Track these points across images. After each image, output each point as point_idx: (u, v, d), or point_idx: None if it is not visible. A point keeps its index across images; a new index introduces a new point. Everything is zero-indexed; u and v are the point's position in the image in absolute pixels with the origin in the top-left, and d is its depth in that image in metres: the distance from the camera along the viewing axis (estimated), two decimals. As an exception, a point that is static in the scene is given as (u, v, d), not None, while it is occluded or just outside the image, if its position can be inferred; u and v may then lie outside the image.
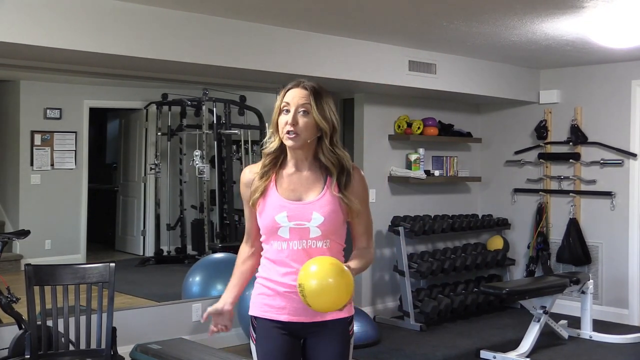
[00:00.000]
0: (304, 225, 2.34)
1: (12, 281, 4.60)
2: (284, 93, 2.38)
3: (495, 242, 7.16)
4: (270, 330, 2.41)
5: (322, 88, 2.41)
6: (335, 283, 2.17)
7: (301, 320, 2.38)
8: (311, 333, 2.41)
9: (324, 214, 2.34)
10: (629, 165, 6.52)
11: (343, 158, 2.41)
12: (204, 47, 4.62)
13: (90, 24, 4.09)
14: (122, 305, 5.48)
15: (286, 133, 2.34)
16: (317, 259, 2.25)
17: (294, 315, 2.37)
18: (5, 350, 4.21)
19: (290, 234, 2.34)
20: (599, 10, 4.41)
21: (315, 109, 2.34)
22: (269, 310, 2.41)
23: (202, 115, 8.00)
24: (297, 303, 2.33)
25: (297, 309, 2.36)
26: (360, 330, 5.60)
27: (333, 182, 2.38)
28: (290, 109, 2.34)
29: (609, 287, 6.65)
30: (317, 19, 4.80)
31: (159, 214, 8.52)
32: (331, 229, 2.36)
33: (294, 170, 2.41)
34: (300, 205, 2.36)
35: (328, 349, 2.40)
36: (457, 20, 4.81)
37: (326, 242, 2.36)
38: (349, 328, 2.43)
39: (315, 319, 2.37)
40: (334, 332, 2.40)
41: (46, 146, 7.97)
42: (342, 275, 2.19)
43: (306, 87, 2.37)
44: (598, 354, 5.55)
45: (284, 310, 2.38)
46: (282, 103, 2.37)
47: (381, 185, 6.65)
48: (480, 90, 6.56)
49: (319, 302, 2.18)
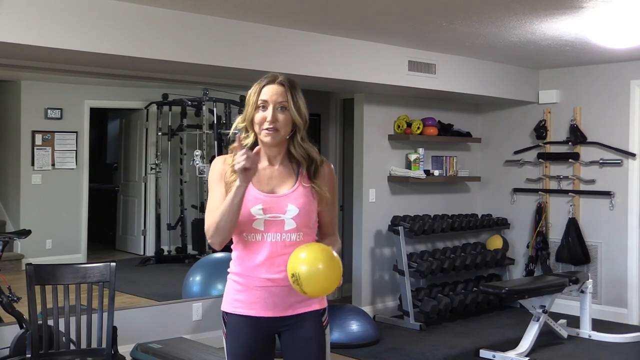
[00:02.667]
0: (279, 217, 2.36)
1: (13, 280, 4.61)
2: (260, 88, 2.40)
3: (494, 241, 7.17)
4: (240, 326, 2.41)
5: (295, 82, 2.43)
6: (325, 267, 2.21)
7: (271, 315, 2.39)
8: (284, 328, 2.42)
9: (298, 206, 2.36)
10: (628, 165, 6.54)
11: (311, 150, 2.44)
12: (204, 47, 4.63)
13: (91, 24, 4.11)
14: (123, 304, 5.49)
15: (265, 129, 2.35)
16: (306, 245, 2.29)
17: (264, 310, 2.38)
18: (6, 350, 4.22)
19: (265, 226, 2.35)
20: (598, 10, 4.42)
21: (292, 104, 2.37)
22: (239, 306, 2.41)
23: (202, 115, 8.00)
24: (267, 297, 2.36)
25: (268, 303, 2.37)
26: (360, 329, 5.62)
27: (303, 174, 2.41)
28: (267, 106, 2.36)
29: (608, 286, 6.66)
30: (317, 19, 4.81)
31: (159, 214, 8.53)
32: (305, 221, 2.38)
33: (267, 164, 2.43)
34: (275, 198, 2.38)
35: (303, 342, 2.42)
36: (457, 20, 4.83)
37: (299, 235, 2.37)
38: (322, 319, 2.45)
39: (286, 314, 2.39)
40: (307, 324, 2.41)
41: (47, 146, 7.98)
42: (332, 259, 2.24)
43: (283, 83, 2.39)
44: (597, 353, 5.57)
45: (254, 306, 2.39)
46: (257, 100, 2.38)
47: (381, 185, 6.66)
48: (479, 90, 6.57)
49: (314, 287, 2.22)
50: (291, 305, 2.39)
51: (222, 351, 4.80)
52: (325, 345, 2.45)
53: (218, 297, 5.60)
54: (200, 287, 5.66)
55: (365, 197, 6.55)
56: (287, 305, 2.38)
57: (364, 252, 6.54)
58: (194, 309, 5.46)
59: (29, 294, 3.68)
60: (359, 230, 6.55)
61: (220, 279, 5.66)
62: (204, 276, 5.72)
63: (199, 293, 5.62)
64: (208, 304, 5.53)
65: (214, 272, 5.74)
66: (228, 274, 2.48)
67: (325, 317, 2.46)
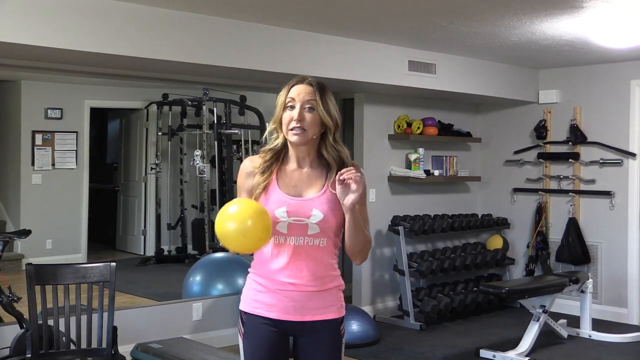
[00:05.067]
0: (303, 221, 2.33)
1: (13, 280, 4.61)
2: (289, 89, 2.37)
3: (494, 241, 7.17)
4: (259, 327, 2.40)
5: (325, 85, 2.41)
6: (253, 225, 2.18)
7: (290, 319, 2.37)
8: (301, 332, 2.40)
9: (323, 211, 2.33)
10: (628, 164, 6.54)
11: (342, 154, 2.42)
12: (204, 47, 4.63)
13: (91, 24, 4.11)
14: (123, 304, 5.50)
15: (291, 129, 2.33)
16: (237, 200, 2.27)
17: (284, 314, 2.37)
18: (6, 350, 4.22)
19: (288, 229, 2.34)
20: (598, 10, 4.42)
21: (321, 105, 2.34)
22: (259, 307, 2.39)
23: (202, 115, 8.01)
24: (287, 301, 2.35)
25: (287, 307, 2.36)
26: (360, 329, 5.62)
27: (332, 179, 2.37)
28: (295, 105, 2.34)
29: (608, 286, 6.66)
30: (317, 19, 4.81)
31: (159, 214, 8.54)
32: (329, 226, 2.35)
33: (295, 166, 2.40)
34: (300, 201, 2.35)
35: (319, 350, 2.40)
36: (457, 20, 4.83)
37: (323, 241, 2.35)
38: (340, 328, 2.43)
39: (304, 319, 2.37)
40: (325, 332, 2.39)
41: (47, 146, 7.99)
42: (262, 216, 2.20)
43: (311, 83, 2.37)
44: (597, 353, 5.57)
45: (273, 308, 2.37)
46: (286, 99, 2.36)
47: (381, 185, 6.66)
48: (479, 90, 6.57)
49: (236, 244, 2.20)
50: (310, 310, 2.37)
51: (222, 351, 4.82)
52: (340, 357, 2.44)
53: (218, 297, 5.61)
54: (200, 287, 5.66)
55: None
56: (306, 311, 2.36)
57: (364, 252, 6.53)
58: (194, 309, 5.46)
59: (29, 293, 3.68)
60: (359, 230, 6.54)
61: (221, 279, 5.67)
62: (204, 276, 5.72)
63: (199, 293, 5.62)
64: (208, 304, 5.53)
65: (214, 272, 5.74)
66: (249, 273, 2.47)
67: (342, 326, 2.44)
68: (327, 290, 2.39)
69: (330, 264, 2.40)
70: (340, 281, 2.45)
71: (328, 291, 2.39)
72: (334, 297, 2.41)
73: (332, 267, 2.41)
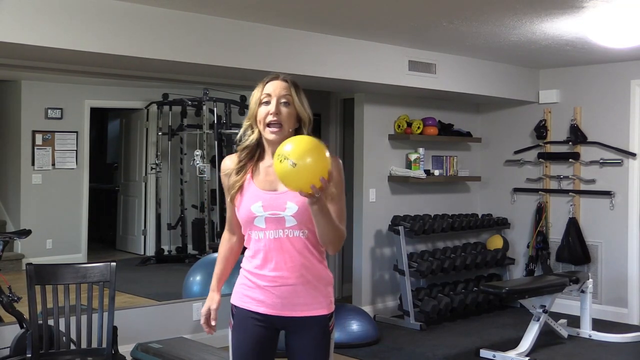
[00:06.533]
0: (279, 214, 2.37)
1: (13, 280, 4.61)
2: (263, 85, 2.43)
3: (494, 241, 7.17)
4: (247, 321, 2.46)
5: (298, 83, 2.46)
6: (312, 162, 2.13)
7: (279, 314, 2.41)
8: (290, 328, 2.44)
9: (298, 203, 2.34)
10: (628, 164, 6.54)
11: None
12: (204, 47, 4.63)
13: (91, 24, 4.11)
14: (123, 304, 5.49)
15: (268, 124, 2.37)
16: (297, 137, 2.23)
17: (272, 309, 2.41)
18: (6, 349, 4.22)
19: (266, 223, 2.37)
20: (598, 10, 4.42)
21: (296, 99, 2.39)
22: (249, 301, 2.46)
23: (202, 115, 8.01)
24: (275, 298, 2.39)
25: (276, 303, 2.40)
26: (360, 329, 5.62)
27: None
28: (271, 100, 2.38)
29: (608, 286, 6.66)
30: (317, 19, 4.81)
31: (159, 214, 8.53)
32: (306, 218, 2.35)
33: (271, 162, 2.41)
34: (275, 195, 2.38)
35: (308, 348, 2.43)
36: (457, 20, 4.83)
37: (304, 232, 2.37)
38: (329, 324, 2.45)
39: (293, 314, 2.40)
40: (314, 328, 2.42)
41: (47, 146, 7.98)
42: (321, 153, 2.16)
43: (286, 79, 2.43)
44: (597, 353, 5.57)
45: (262, 304, 2.42)
46: (262, 95, 2.40)
47: (381, 185, 6.66)
48: (479, 90, 6.57)
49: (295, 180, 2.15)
50: (299, 306, 2.40)
51: (223, 351, 4.82)
52: (329, 352, 2.46)
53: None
54: (200, 287, 5.66)
55: (366, 197, 6.55)
56: (294, 307, 2.40)
57: (364, 252, 6.55)
58: (194, 309, 5.46)
59: (29, 293, 3.68)
60: (359, 230, 6.55)
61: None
62: (204, 276, 5.72)
63: (199, 293, 5.62)
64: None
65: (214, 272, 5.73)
66: (240, 268, 2.52)
67: (331, 321, 2.47)
68: (314, 283, 2.40)
69: (313, 253, 2.40)
70: (327, 273, 2.46)
71: (315, 285, 2.41)
72: (322, 292, 2.43)
73: (317, 257, 2.42)
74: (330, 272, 2.49)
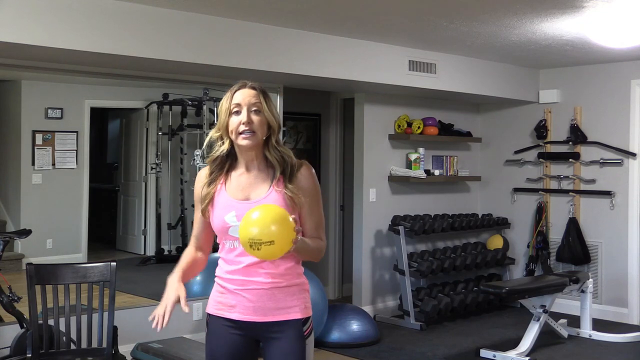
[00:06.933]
0: None
1: (13, 280, 4.61)
2: (232, 95, 2.39)
3: (495, 241, 7.17)
4: (220, 328, 2.44)
5: (265, 89, 2.44)
6: (278, 230, 2.15)
7: (251, 320, 2.38)
8: (266, 335, 2.40)
9: None
10: (629, 164, 6.54)
11: (285, 154, 2.41)
12: (204, 47, 4.63)
13: (91, 24, 4.11)
14: (123, 304, 5.49)
15: (240, 133, 2.35)
16: (260, 207, 2.24)
17: (244, 314, 2.39)
18: (6, 349, 4.22)
19: None
20: (598, 10, 4.42)
21: (266, 106, 2.37)
22: (221, 308, 2.44)
23: (202, 114, 8.00)
24: (246, 302, 2.37)
25: (247, 307, 2.38)
26: (361, 329, 5.63)
27: (278, 178, 2.38)
28: (241, 110, 2.36)
29: (609, 286, 6.66)
30: (317, 19, 4.81)
31: (159, 214, 8.53)
32: None
33: (243, 170, 2.42)
34: (247, 204, 2.35)
35: (281, 351, 2.38)
36: (457, 20, 4.83)
37: None
38: (303, 329, 2.40)
39: (266, 319, 2.37)
40: (287, 333, 2.38)
41: (47, 146, 7.97)
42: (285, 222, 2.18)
43: (254, 87, 2.40)
44: (597, 353, 5.57)
45: (234, 309, 2.40)
46: (231, 105, 2.37)
47: (381, 185, 6.66)
48: (480, 90, 6.57)
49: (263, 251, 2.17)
50: (270, 311, 2.37)
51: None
52: (304, 357, 2.41)
53: (218, 296, 5.61)
54: (200, 287, 5.65)
55: (366, 196, 6.55)
56: (266, 310, 2.37)
57: (365, 252, 6.55)
58: (195, 309, 5.46)
59: (29, 293, 3.68)
60: (360, 230, 6.55)
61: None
62: (204, 276, 5.68)
63: (200, 293, 5.61)
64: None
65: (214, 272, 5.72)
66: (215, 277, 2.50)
67: (307, 325, 2.42)
68: (287, 288, 2.38)
69: (287, 260, 2.37)
70: (302, 279, 2.44)
71: (288, 290, 2.38)
72: (296, 296, 2.40)
73: (291, 264, 2.40)
74: (305, 279, 2.46)
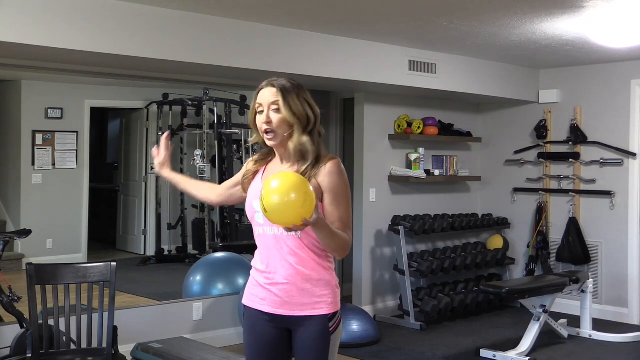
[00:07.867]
0: None
1: (13, 280, 4.62)
2: (257, 94, 2.49)
3: (495, 241, 7.17)
4: (255, 320, 2.51)
5: (292, 83, 2.47)
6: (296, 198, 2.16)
7: (280, 313, 2.43)
8: (295, 328, 2.45)
9: None
10: (629, 164, 6.54)
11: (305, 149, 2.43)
12: (204, 47, 4.63)
13: (91, 24, 4.11)
14: (123, 304, 5.50)
15: (264, 132, 2.45)
16: (281, 173, 2.26)
17: (273, 307, 2.44)
18: (7, 349, 4.23)
19: (264, 219, 2.36)
20: (598, 10, 4.42)
21: (282, 104, 2.42)
22: (254, 299, 2.51)
23: (202, 115, 8.01)
24: (274, 296, 2.42)
25: (275, 301, 2.43)
26: (361, 329, 5.62)
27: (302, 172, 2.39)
28: (263, 109, 2.44)
29: (609, 286, 6.66)
30: (318, 19, 4.81)
31: (159, 214, 8.54)
32: None
33: (279, 162, 2.52)
34: None
35: (306, 347, 2.43)
36: (457, 20, 4.83)
37: (296, 232, 2.35)
38: (329, 324, 2.43)
39: (293, 313, 2.42)
40: (312, 329, 2.41)
41: (47, 146, 7.99)
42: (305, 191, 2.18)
43: (274, 84, 2.45)
44: (597, 353, 5.57)
45: (265, 302, 2.46)
46: (255, 104, 2.47)
47: (381, 185, 6.66)
48: (480, 90, 6.57)
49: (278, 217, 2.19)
50: (298, 306, 2.41)
51: (223, 351, 4.84)
52: (328, 353, 2.44)
53: (218, 296, 5.61)
54: (200, 287, 5.66)
55: (366, 196, 6.55)
56: (293, 306, 2.41)
57: (365, 252, 6.55)
58: (195, 309, 5.46)
59: (29, 293, 3.68)
60: (360, 230, 6.55)
61: (221, 279, 5.67)
62: (204, 276, 5.72)
63: (200, 293, 5.62)
64: (208, 304, 5.53)
65: (214, 272, 5.74)
66: None
67: (334, 321, 2.45)
68: (310, 283, 2.40)
69: (310, 254, 2.40)
70: (331, 273, 2.45)
71: (310, 286, 2.40)
72: (323, 292, 2.42)
73: (315, 258, 2.41)
74: (333, 274, 2.47)
